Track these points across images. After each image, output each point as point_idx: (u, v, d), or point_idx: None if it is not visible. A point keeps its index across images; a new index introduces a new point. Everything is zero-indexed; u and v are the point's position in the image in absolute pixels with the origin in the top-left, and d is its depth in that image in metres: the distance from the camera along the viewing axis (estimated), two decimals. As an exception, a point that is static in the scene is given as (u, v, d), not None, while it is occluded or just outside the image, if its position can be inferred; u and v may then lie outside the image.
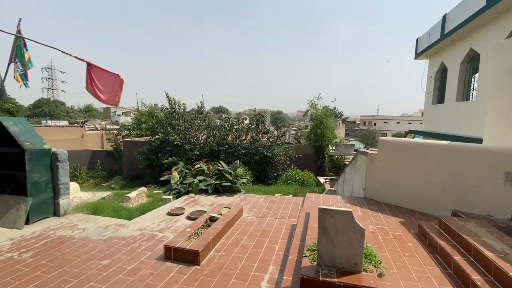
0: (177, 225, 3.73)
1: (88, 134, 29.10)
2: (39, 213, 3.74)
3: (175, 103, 16.21)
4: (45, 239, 3.21)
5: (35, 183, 3.69)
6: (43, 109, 56.22)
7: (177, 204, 4.65)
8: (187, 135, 15.25)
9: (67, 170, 4.07)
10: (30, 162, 3.62)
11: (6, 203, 3.67)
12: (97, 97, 4.63)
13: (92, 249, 2.98)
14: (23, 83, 4.78)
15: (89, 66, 4.69)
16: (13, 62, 4.65)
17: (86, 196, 8.72)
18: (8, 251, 2.90)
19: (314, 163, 17.50)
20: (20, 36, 4.67)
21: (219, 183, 5.28)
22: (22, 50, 4.68)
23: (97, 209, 5.84)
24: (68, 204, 4.10)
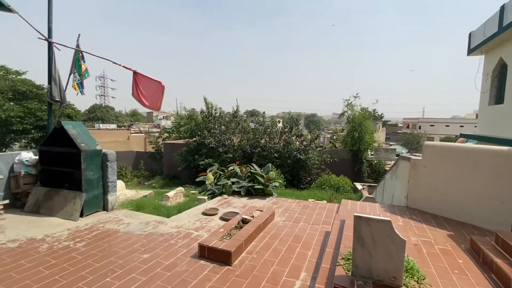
0: (211, 225, 3.85)
1: (133, 136, 31.65)
2: (91, 207, 4.16)
3: (212, 107, 16.84)
4: (95, 231, 3.55)
5: (88, 180, 4.11)
6: (96, 113, 62.60)
7: (211, 205, 4.81)
8: (222, 138, 15.72)
9: (115, 169, 4.46)
10: (85, 161, 4.05)
11: (65, 197, 4.15)
12: (141, 102, 5.03)
13: (135, 243, 3.22)
14: (80, 91, 5.38)
15: (135, 74, 5.12)
16: (72, 73, 5.27)
17: (131, 194, 9.45)
18: (65, 240, 3.27)
19: (350, 168, 16.74)
20: (79, 50, 5.28)
21: (252, 186, 5.34)
22: (80, 62, 5.28)
23: (140, 206, 6.28)
24: (115, 200, 4.49)
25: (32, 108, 10.86)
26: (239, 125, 16.98)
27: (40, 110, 11.12)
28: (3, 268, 2.59)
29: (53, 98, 4.87)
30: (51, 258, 2.80)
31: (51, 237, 3.33)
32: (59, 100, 4.94)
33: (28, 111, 10.77)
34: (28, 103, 10.93)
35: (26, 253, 2.92)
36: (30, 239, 3.26)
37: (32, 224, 3.76)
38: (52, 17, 5.07)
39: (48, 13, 4.98)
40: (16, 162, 4.52)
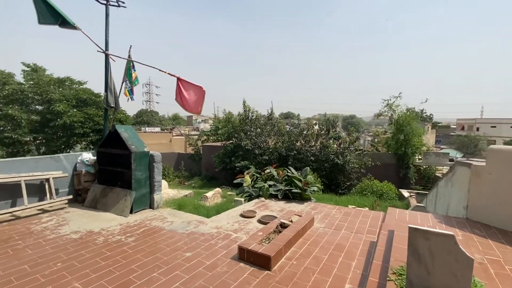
0: (249, 227, 3.87)
1: (175, 139, 33.66)
2: (139, 204, 4.48)
3: (249, 110, 17.12)
4: (143, 228, 3.81)
5: (137, 180, 4.44)
6: (143, 118, 68.05)
7: (248, 207, 4.83)
8: (258, 140, 15.85)
9: (160, 170, 4.76)
10: (134, 162, 4.39)
11: (117, 194, 4.54)
12: (183, 107, 5.30)
13: (178, 241, 3.37)
14: (130, 97, 5.87)
15: (178, 80, 5.41)
16: (124, 82, 5.78)
17: (173, 193, 10.01)
18: (118, 234, 3.56)
19: (395, 173, 15.54)
20: (130, 60, 5.77)
21: (289, 190, 5.25)
22: (131, 70, 5.77)
23: (181, 205, 6.60)
24: (160, 199, 4.78)
25: (91, 114, 12.21)
26: (274, 127, 16.96)
27: (97, 116, 12.43)
28: (67, 257, 2.91)
29: (109, 104, 5.39)
30: (106, 250, 3.06)
31: (106, 231, 3.66)
32: (114, 106, 5.45)
33: (88, 117, 12.13)
34: (88, 109, 12.31)
35: (86, 244, 3.24)
36: (89, 232, 3.62)
37: (90, 218, 4.17)
38: (108, 32, 5.63)
39: (105, 28, 5.55)
40: (78, 162, 5.09)
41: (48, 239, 3.36)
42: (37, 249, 3.08)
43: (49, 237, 3.44)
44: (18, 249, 3.09)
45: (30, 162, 4.69)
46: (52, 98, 11.59)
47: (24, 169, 4.55)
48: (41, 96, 11.74)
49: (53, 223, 3.95)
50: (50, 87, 12.00)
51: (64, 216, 4.27)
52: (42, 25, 5.01)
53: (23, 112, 11.12)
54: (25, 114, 11.11)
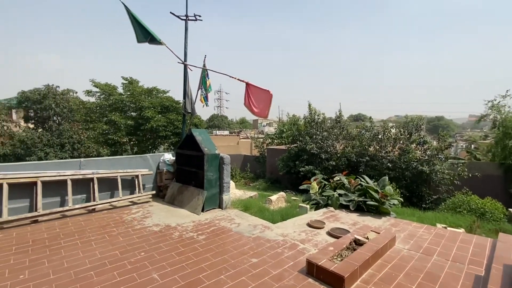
0: (318, 239, 3.59)
1: (241, 141, 35.35)
2: (210, 204, 4.72)
3: (315, 113, 16.53)
4: (212, 227, 3.96)
5: (209, 180, 4.69)
6: (214, 122, 74.03)
7: (316, 216, 4.53)
8: (324, 144, 15.10)
9: (229, 172, 4.92)
10: (207, 163, 4.65)
11: (191, 193, 4.89)
12: (251, 111, 5.39)
13: (244, 244, 3.37)
14: (205, 103, 6.32)
15: (247, 85, 5.55)
16: (200, 89, 6.27)
17: (239, 193, 10.37)
18: (191, 231, 3.79)
19: (502, 188, 12.47)
20: (205, 69, 6.22)
21: (363, 201, 4.71)
22: (205, 78, 6.22)
23: (247, 207, 6.73)
24: (228, 200, 4.94)
25: (172, 119, 13.87)
26: (343, 130, 15.87)
27: (177, 120, 14.03)
28: (149, 248, 3.22)
29: (186, 110, 5.91)
30: (180, 246, 3.28)
31: (181, 226, 3.94)
32: (191, 111, 5.95)
33: (169, 121, 13.82)
34: (170, 115, 14.02)
35: (164, 237, 3.54)
36: (167, 226, 3.97)
37: (169, 213, 4.60)
38: (187, 44, 6.20)
39: (184, 41, 6.12)
40: (161, 161, 5.72)
41: (135, 229, 3.82)
42: (126, 237, 3.52)
43: (136, 227, 3.91)
44: (113, 235, 3.60)
45: (124, 161, 5.51)
46: (143, 106, 13.65)
47: (120, 166, 5.36)
48: (135, 104, 13.97)
49: (139, 214, 4.50)
50: (141, 96, 14.17)
51: (148, 209, 4.83)
52: (140, 43, 5.84)
53: (122, 118, 13.45)
54: (123, 120, 13.40)
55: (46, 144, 18.49)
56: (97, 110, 14.11)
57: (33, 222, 4.13)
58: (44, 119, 21.82)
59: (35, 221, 4.15)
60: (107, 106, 13.76)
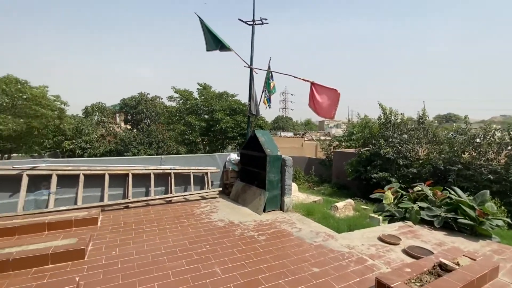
0: (391, 256, 3.14)
1: (306, 143, 34.57)
2: (271, 205, 4.72)
3: (391, 113, 14.82)
4: (273, 229, 3.94)
5: (270, 181, 4.70)
6: (279, 123, 74.79)
7: (389, 230, 4.00)
8: (403, 149, 13.33)
9: (291, 174, 4.82)
10: (269, 164, 4.66)
11: (254, 192, 4.98)
12: (316, 112, 5.16)
13: (305, 251, 3.21)
14: (268, 105, 6.39)
15: (312, 85, 5.34)
16: (263, 91, 6.37)
17: (302, 197, 10.10)
18: (252, 230, 3.85)
19: None
20: (269, 71, 6.29)
21: (453, 218, 3.91)
22: (269, 80, 6.28)
23: (310, 211, 6.47)
24: (289, 203, 4.84)
25: (239, 121, 14.63)
26: (427, 133, 13.72)
27: (243, 122, 14.73)
28: (214, 242, 3.41)
29: (251, 112, 6.09)
30: (242, 244, 3.36)
31: (243, 224, 4.05)
32: (255, 113, 6.11)
33: (237, 123, 14.59)
34: (237, 117, 14.81)
35: (227, 233, 3.70)
36: (230, 222, 4.14)
37: (233, 210, 4.80)
38: (253, 48, 6.38)
39: (251, 45, 6.33)
40: (227, 161, 6.05)
41: (203, 222, 4.12)
42: (195, 229, 3.82)
43: (204, 220, 4.21)
44: (184, 226, 3.95)
45: (196, 159, 6.03)
46: (214, 109, 14.82)
47: (192, 163, 5.89)
48: (208, 107, 15.31)
49: (207, 209, 4.84)
50: (213, 100, 15.41)
51: (215, 204, 5.14)
52: (209, 51, 6.32)
53: (196, 120, 14.92)
54: (198, 122, 14.85)
55: (139, 142, 21.98)
56: (176, 113, 16.03)
57: (125, 207, 4.91)
58: (138, 121, 26.09)
59: (126, 207, 4.93)
60: (185, 110, 15.48)
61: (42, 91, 11.55)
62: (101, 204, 4.66)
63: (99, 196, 4.93)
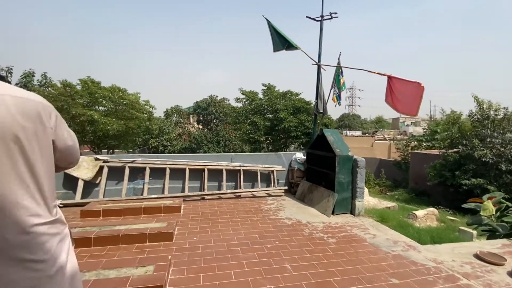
0: (493, 278, 2.64)
1: (376, 143, 31.59)
2: (340, 207, 4.52)
3: (490, 107, 12.27)
4: (343, 232, 3.77)
5: (340, 183, 4.50)
6: (344, 122, 70.41)
7: (489, 247, 3.35)
8: (507, 151, 10.88)
9: (363, 176, 4.52)
10: (338, 165, 4.48)
11: (321, 193, 4.86)
12: (396, 108, 4.69)
13: (381, 259, 2.98)
14: (338, 102, 6.12)
15: (389, 79, 4.87)
16: (332, 88, 6.12)
17: (373, 202, 9.32)
18: (320, 231, 3.77)
19: None
20: (339, 66, 6.01)
21: None
22: (339, 77, 6.00)
23: (383, 218, 5.93)
24: (361, 207, 4.55)
25: (302, 120, 14.42)
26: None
27: (307, 121, 14.44)
28: (282, 238, 3.48)
29: (318, 111, 5.95)
30: (311, 244, 3.33)
31: (311, 225, 4.01)
32: (322, 112, 5.94)
33: (300, 122, 14.40)
34: (301, 115, 14.62)
35: (295, 232, 3.72)
36: (298, 221, 4.15)
37: (299, 209, 4.79)
38: (322, 45, 6.20)
39: (319, 41, 6.16)
40: (292, 160, 6.06)
41: (271, 219, 4.25)
42: (264, 225, 3.97)
43: (271, 217, 4.33)
44: (253, 220, 4.15)
45: (262, 157, 6.24)
46: (278, 108, 14.96)
47: (259, 161, 6.12)
48: (271, 107, 15.56)
49: (274, 206, 4.96)
50: (277, 99, 15.58)
51: (281, 202, 5.23)
52: (276, 52, 6.44)
53: (261, 119, 15.35)
54: (262, 121, 15.26)
55: (209, 141, 24.01)
56: (243, 113, 16.84)
57: (201, 199, 5.46)
58: (208, 122, 28.52)
59: (202, 198, 5.47)
60: (250, 110, 16.13)
61: (136, 97, 13.87)
62: (182, 194, 5.30)
63: (180, 187, 5.61)
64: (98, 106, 13.23)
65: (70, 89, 12.73)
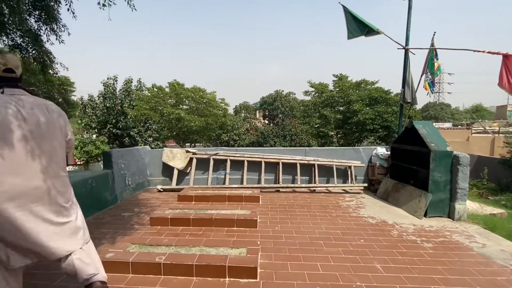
0: None
1: (474, 137, 26.22)
2: (435, 210, 4.00)
3: None
4: (441, 238, 3.33)
5: (435, 182, 3.97)
6: (429, 112, 60.76)
7: None
8: None
9: (466, 175, 3.88)
10: (433, 162, 3.95)
11: (410, 193, 4.39)
12: (513, 93, 3.81)
13: (496, 273, 2.53)
14: (430, 90, 5.34)
15: (505, 58, 3.97)
16: (424, 74, 5.37)
17: (472, 206, 7.85)
18: (412, 234, 3.43)
19: None
20: (433, 48, 5.22)
21: None
22: (433, 60, 5.22)
23: (489, 226, 4.98)
24: (463, 211, 3.92)
25: (380, 111, 13.10)
26: None
27: (386, 113, 13.07)
28: (367, 237, 3.31)
29: (405, 100, 5.33)
30: (402, 246, 3.07)
31: (399, 226, 3.68)
32: (410, 101, 5.30)
33: (378, 114, 13.12)
34: (378, 107, 13.31)
35: (382, 232, 3.49)
36: (383, 221, 3.87)
37: (383, 209, 4.45)
38: (410, 26, 5.50)
39: (407, 22, 5.47)
40: (373, 155, 5.64)
41: (351, 216, 4.08)
42: (344, 221, 3.85)
43: (352, 214, 4.16)
44: (333, 216, 4.07)
45: (339, 151, 6.01)
46: (351, 100, 13.99)
47: (334, 156, 5.92)
48: (343, 99, 14.65)
49: (353, 203, 4.74)
50: (349, 90, 14.57)
51: (361, 200, 4.95)
52: (350, 39, 6.03)
53: (332, 112, 14.65)
54: (333, 114, 14.55)
55: (275, 135, 24.38)
56: (311, 106, 16.41)
57: (276, 191, 5.65)
58: (274, 116, 28.93)
59: (277, 191, 5.65)
60: (320, 103, 15.58)
61: (213, 96, 15.16)
62: (259, 186, 5.59)
63: (257, 179, 5.93)
64: (182, 105, 15.03)
65: (161, 91, 14.83)
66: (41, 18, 4.82)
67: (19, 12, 4.06)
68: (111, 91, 16.74)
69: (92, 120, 16.10)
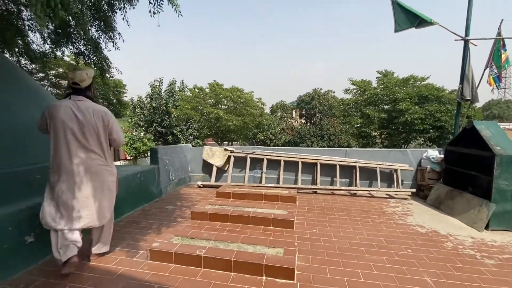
0: None
1: (551, 140, 22.35)
2: (499, 223, 3.51)
3: None
4: (507, 254, 2.91)
5: (500, 190, 3.48)
6: (492, 111, 53.56)
7: None
8: None
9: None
10: (498, 167, 3.46)
11: (468, 201, 3.91)
12: None
13: None
14: (496, 85, 4.68)
15: None
16: (488, 67, 4.73)
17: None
18: (469, 248, 3.05)
19: None
20: (500, 38, 4.57)
21: None
22: (500, 51, 4.57)
23: None
24: (537, 226, 3.36)
25: (432, 110, 11.90)
26: None
27: (438, 112, 11.83)
28: (415, 247, 3.04)
29: (463, 98, 4.76)
30: (457, 260, 2.76)
31: (454, 238, 3.31)
32: (470, 99, 4.72)
33: (429, 113, 11.96)
34: (429, 105, 12.13)
35: (433, 242, 3.17)
36: (434, 231, 3.51)
37: (434, 217, 4.04)
38: (471, 14, 4.90)
39: (467, 10, 4.89)
40: (423, 158, 5.15)
41: (397, 223, 3.79)
42: (389, 228, 3.59)
43: (397, 221, 3.86)
44: (376, 222, 3.82)
45: (383, 153, 5.62)
46: (397, 98, 12.97)
47: (378, 158, 5.55)
48: (389, 96, 13.65)
49: (399, 209, 4.40)
50: (396, 88, 13.53)
51: (408, 206, 4.57)
52: (398, 32, 5.57)
53: (375, 111, 13.77)
54: (377, 113, 13.66)
55: (312, 135, 23.79)
56: (353, 105, 15.64)
57: (313, 192, 5.50)
58: (311, 116, 28.19)
59: (314, 192, 5.51)
60: (362, 101, 14.76)
61: (250, 95, 15.42)
62: (296, 186, 5.50)
63: (293, 179, 5.85)
64: (221, 105, 15.58)
65: (201, 92, 15.53)
66: (101, 27, 5.39)
67: (83, 23, 4.59)
68: (157, 92, 18.05)
69: (140, 119, 17.57)
